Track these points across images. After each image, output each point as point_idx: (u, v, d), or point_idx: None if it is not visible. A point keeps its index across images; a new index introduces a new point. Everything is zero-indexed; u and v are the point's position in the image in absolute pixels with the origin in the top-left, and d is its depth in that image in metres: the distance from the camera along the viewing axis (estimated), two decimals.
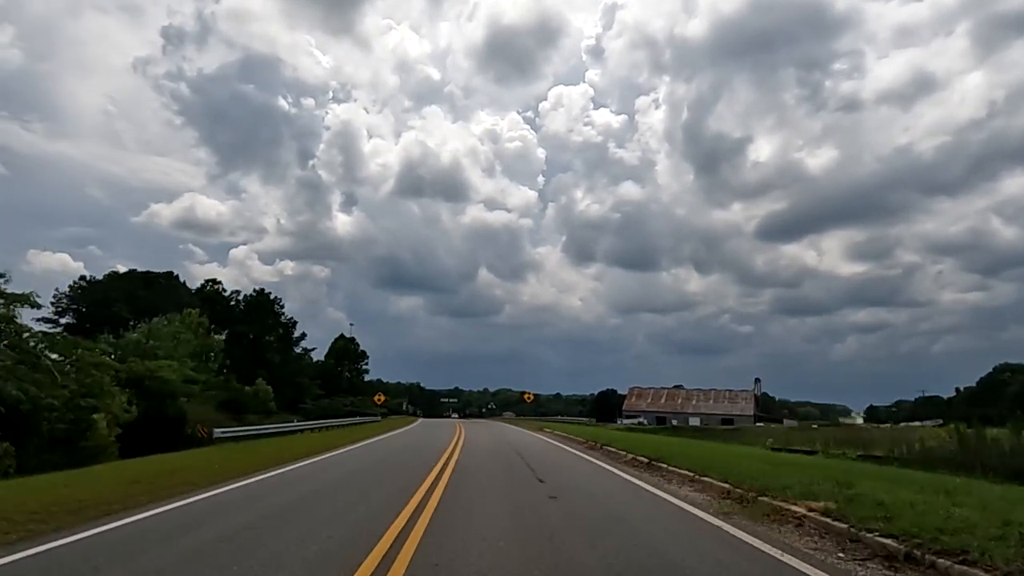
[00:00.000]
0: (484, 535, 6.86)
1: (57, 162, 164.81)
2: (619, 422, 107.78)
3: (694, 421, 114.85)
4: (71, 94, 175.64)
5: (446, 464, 15.70)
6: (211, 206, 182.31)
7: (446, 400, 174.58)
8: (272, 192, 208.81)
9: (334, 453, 19.56)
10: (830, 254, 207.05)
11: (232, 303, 66.30)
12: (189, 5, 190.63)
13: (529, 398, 47.04)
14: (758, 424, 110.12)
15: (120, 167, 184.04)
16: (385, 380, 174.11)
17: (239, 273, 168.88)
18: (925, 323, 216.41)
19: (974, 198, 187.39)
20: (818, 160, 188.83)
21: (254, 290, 69.70)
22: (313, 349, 74.96)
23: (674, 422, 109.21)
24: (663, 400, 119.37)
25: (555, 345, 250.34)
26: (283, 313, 68.68)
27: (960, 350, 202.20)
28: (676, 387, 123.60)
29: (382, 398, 44.12)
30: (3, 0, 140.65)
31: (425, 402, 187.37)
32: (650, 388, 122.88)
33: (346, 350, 79.64)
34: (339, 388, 69.16)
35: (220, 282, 66.47)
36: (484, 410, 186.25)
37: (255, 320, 64.90)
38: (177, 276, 63.71)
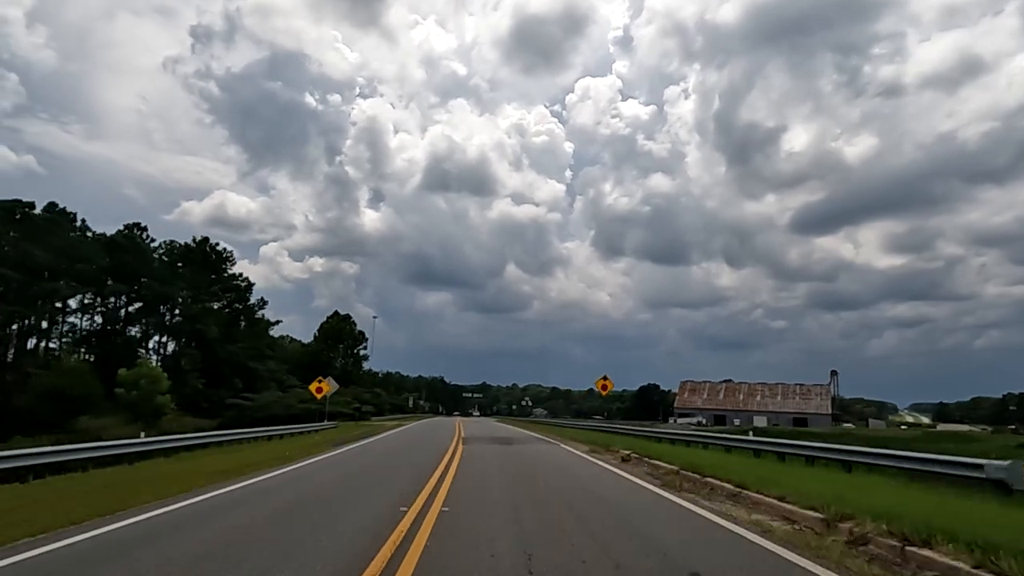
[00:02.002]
0: None
1: (93, 162, 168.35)
2: (674, 422, 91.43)
3: (759, 420, 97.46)
4: (106, 95, 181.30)
5: None
6: (241, 203, 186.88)
7: (469, 395, 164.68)
8: (301, 189, 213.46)
9: None
10: (867, 246, 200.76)
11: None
12: (217, 4, 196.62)
13: (606, 387, 27.45)
14: (846, 424, 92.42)
15: (153, 167, 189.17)
16: (404, 373, 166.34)
17: (270, 270, 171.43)
18: (968, 317, 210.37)
19: (1022, 187, 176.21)
20: (856, 149, 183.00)
21: (193, 238, 55.66)
22: (277, 322, 60.67)
23: (736, 422, 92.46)
24: (721, 395, 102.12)
25: (584, 341, 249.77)
26: (237, 275, 54.84)
27: (1006, 345, 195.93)
28: (730, 381, 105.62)
29: (324, 388, 28.54)
30: (42, 4, 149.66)
31: (448, 397, 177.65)
32: (704, 382, 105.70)
33: (338, 331, 65.28)
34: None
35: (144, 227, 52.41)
36: (515, 407, 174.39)
37: (175, 280, 50.22)
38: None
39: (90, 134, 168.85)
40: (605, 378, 29.21)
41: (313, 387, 30.11)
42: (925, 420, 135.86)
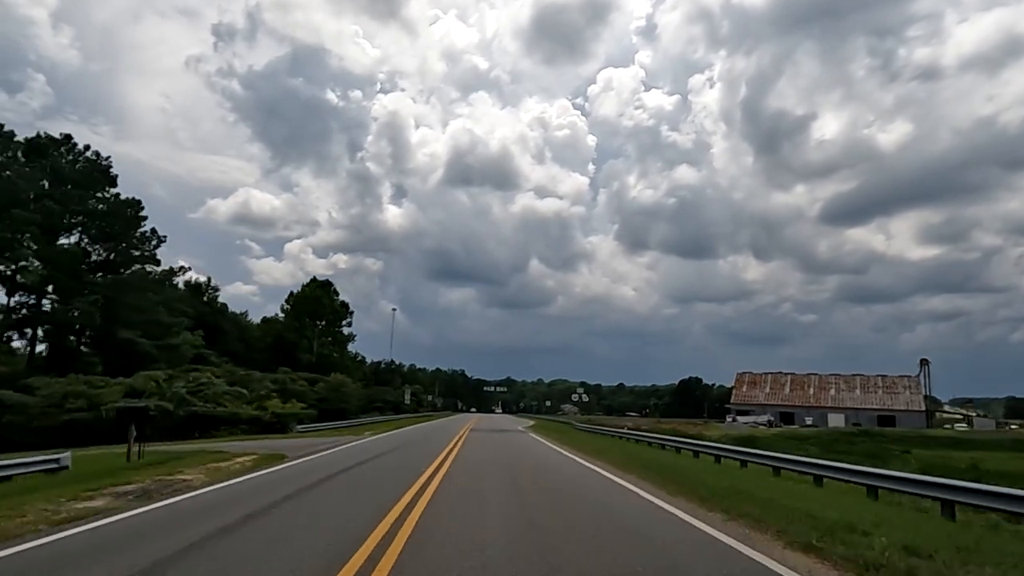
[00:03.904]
0: None
1: (122, 163, 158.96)
2: (732, 421, 76.23)
3: (835, 419, 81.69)
4: (132, 96, 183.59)
5: None
6: (265, 200, 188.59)
7: (491, 389, 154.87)
8: (324, 185, 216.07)
9: None
10: (900, 237, 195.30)
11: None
12: (238, 1, 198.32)
13: None
14: (949, 426, 75.95)
15: (180, 166, 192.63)
16: (422, 366, 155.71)
17: (295, 267, 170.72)
18: (1005, 310, 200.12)
19: None
20: (890, 136, 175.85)
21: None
22: (210, 288, 47.36)
23: (808, 420, 76.72)
24: (786, 389, 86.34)
25: (608, 336, 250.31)
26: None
27: None
28: (793, 373, 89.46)
29: None
30: (74, 8, 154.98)
31: (470, 392, 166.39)
32: (766, 373, 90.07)
33: (314, 303, 51.49)
34: (296, 362, 40.67)
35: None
36: (546, 405, 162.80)
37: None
38: None
39: (118, 135, 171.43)
40: None
41: None
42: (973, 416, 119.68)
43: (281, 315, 53.15)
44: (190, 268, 41.98)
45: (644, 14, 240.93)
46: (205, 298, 47.76)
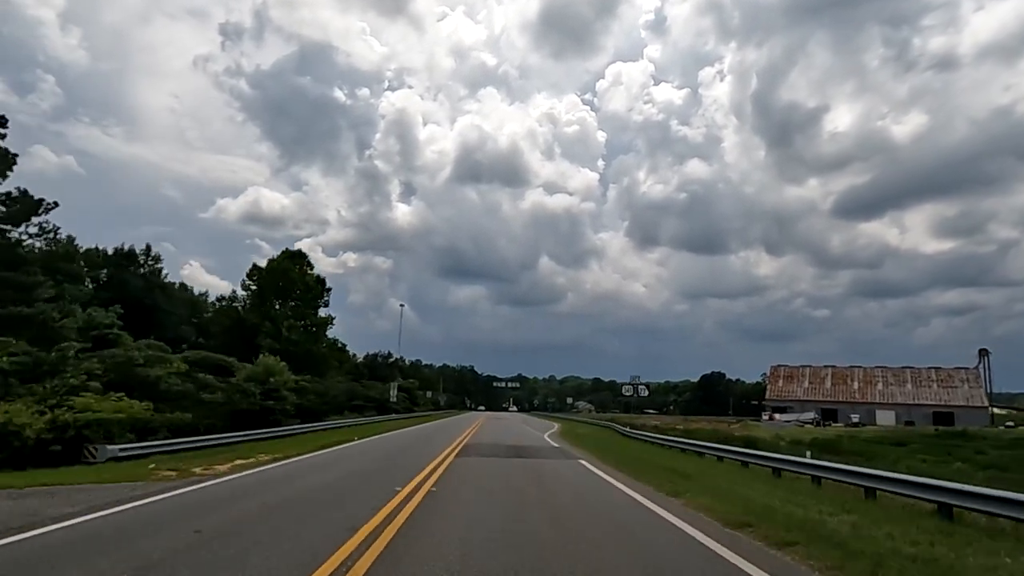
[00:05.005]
0: None
1: (135, 164, 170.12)
2: (769, 419, 67.99)
3: (884, 416, 73.37)
4: (141, 96, 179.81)
5: None
6: (275, 199, 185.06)
7: (501, 384, 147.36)
8: (333, 184, 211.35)
9: None
10: (914, 231, 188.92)
11: None
12: (245, 1, 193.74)
13: None
14: (1011, 424, 67.07)
15: (190, 167, 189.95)
16: (426, 362, 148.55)
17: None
18: (1022, 304, 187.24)
19: None
20: (904, 128, 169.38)
21: None
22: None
23: (854, 417, 68.29)
24: (827, 383, 77.75)
25: (619, 333, 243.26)
26: None
27: None
28: (834, 366, 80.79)
29: None
30: (86, 11, 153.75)
31: (480, 389, 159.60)
32: (803, 366, 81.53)
33: (283, 279, 43.48)
34: (256, 351, 32.96)
35: None
36: (566, 403, 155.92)
37: None
38: None
39: (130, 136, 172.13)
40: None
41: None
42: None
43: (242, 293, 45.12)
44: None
45: (653, 7, 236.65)
46: (143, 270, 40.19)
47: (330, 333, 49.67)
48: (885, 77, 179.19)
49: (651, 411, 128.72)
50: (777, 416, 67.84)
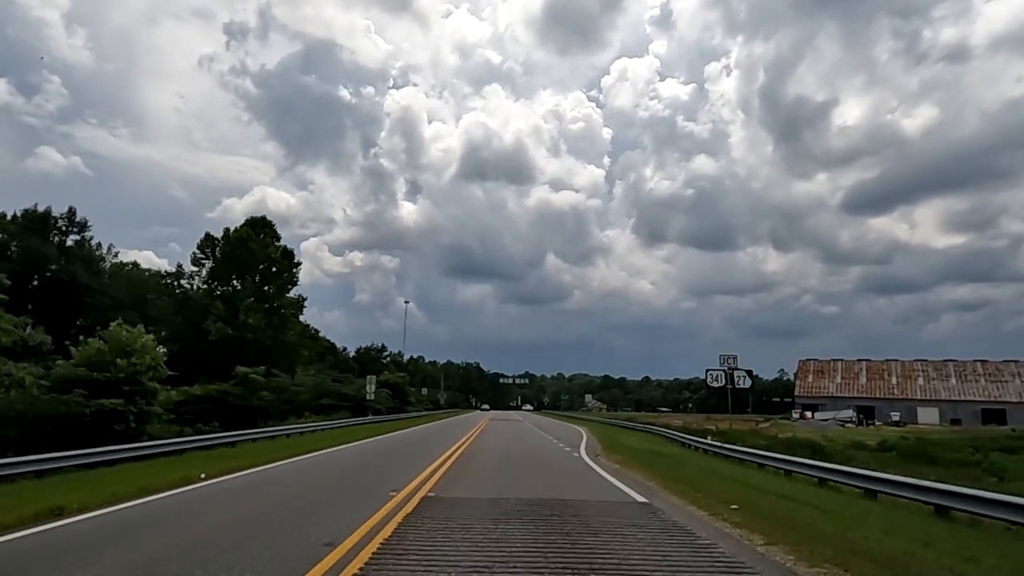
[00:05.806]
0: None
1: (143, 165, 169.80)
2: (800, 418, 61.66)
3: (927, 413, 66.75)
4: (149, 98, 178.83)
5: None
6: (281, 199, 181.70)
7: (508, 381, 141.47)
8: (338, 183, 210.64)
9: None
10: (924, 226, 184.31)
11: None
12: (251, 0, 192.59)
13: None
14: None
15: (197, 167, 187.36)
16: (428, 358, 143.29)
17: (311, 265, 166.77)
18: None
19: None
20: (914, 121, 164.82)
21: None
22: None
23: (894, 415, 61.68)
24: (862, 379, 71.09)
25: (626, 330, 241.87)
26: None
27: None
28: (868, 360, 74.11)
29: None
30: (90, 12, 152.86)
31: (487, 387, 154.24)
32: (835, 360, 74.96)
33: (244, 253, 35.96)
34: (204, 336, 27.09)
35: None
36: (580, 401, 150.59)
37: None
38: None
39: (137, 137, 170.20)
40: None
41: None
42: None
43: (193, 268, 37.90)
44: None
45: (659, 1, 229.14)
46: (66, 240, 34.32)
47: (322, 327, 43.69)
48: (895, 70, 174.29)
49: (665, 409, 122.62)
50: (809, 415, 61.33)
